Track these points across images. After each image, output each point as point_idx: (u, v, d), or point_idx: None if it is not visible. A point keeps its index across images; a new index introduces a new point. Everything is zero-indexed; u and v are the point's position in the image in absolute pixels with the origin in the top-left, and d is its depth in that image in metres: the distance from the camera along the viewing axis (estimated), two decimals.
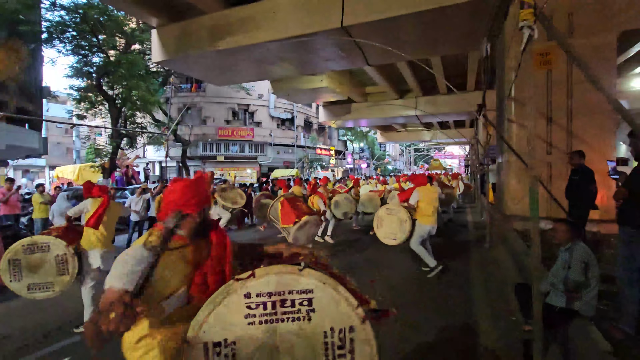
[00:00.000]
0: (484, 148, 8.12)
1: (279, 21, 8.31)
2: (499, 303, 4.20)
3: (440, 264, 5.22)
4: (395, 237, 5.43)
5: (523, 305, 2.89)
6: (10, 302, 4.75)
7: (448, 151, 56.12)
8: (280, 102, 28.31)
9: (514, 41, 5.72)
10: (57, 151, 33.98)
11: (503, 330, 3.46)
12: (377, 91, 19.11)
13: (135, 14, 10.01)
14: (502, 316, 3.80)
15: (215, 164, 25.97)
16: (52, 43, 13.56)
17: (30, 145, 13.68)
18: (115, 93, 14.86)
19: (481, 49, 4.47)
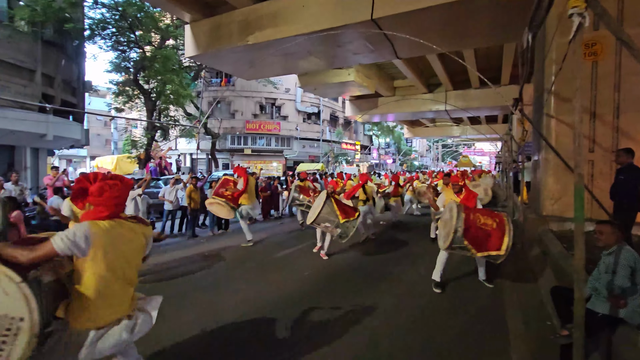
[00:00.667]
0: (518, 145, 7.75)
1: (308, 15, 8.30)
2: (532, 307, 4.04)
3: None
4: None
5: (560, 309, 2.76)
6: None
7: (478, 148, 54.10)
8: (307, 96, 28.37)
9: (558, 31, 5.39)
10: (97, 142, 35.99)
11: (537, 335, 3.33)
12: (405, 85, 18.70)
13: (170, 10, 10.33)
14: (536, 320, 3.65)
15: (242, 157, 26.52)
16: (93, 40, 14.30)
17: (73, 137, 14.56)
18: (151, 87, 15.47)
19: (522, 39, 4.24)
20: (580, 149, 2.00)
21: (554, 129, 6.30)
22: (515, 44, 11.20)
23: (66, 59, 14.63)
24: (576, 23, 1.99)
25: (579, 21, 2.00)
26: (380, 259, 6.19)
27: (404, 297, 4.41)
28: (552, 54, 6.14)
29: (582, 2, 1.98)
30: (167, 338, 3.29)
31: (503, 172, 19.41)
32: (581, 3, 1.98)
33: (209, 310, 3.97)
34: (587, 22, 1.98)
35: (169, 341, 3.25)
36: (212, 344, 3.23)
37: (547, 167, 6.47)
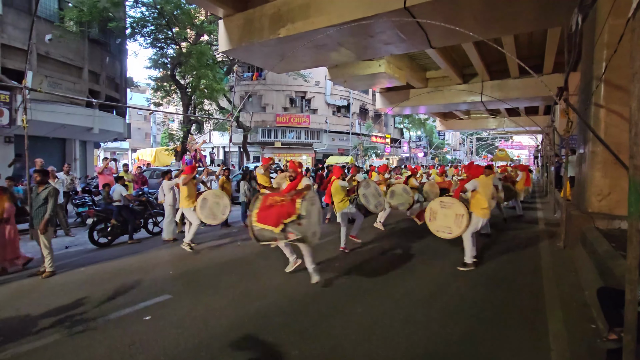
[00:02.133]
0: (562, 137, 7.26)
1: (340, 5, 8.20)
2: (574, 308, 3.82)
3: (473, 265, 5.13)
4: (450, 231, 5.18)
5: (607, 311, 2.58)
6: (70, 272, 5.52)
7: (516, 141, 51.35)
8: (337, 89, 28.20)
9: (612, 12, 4.95)
10: (138, 135, 38.01)
11: (579, 338, 3.15)
12: (438, 76, 18.04)
13: (204, 5, 10.60)
14: (579, 323, 3.45)
15: (273, 150, 26.96)
16: (134, 37, 15.03)
17: (117, 130, 15.50)
18: (186, 82, 16.07)
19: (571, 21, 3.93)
20: (637, 137, 1.85)
21: (603, 120, 5.83)
22: (560, 29, 10.44)
23: (110, 56, 15.54)
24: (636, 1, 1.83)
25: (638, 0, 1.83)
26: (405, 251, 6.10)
27: (439, 286, 4.33)
28: (604, 37, 5.65)
29: None
30: (200, 320, 3.45)
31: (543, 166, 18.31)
32: None
33: (242, 296, 4.11)
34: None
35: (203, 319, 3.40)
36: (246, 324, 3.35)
37: (594, 160, 6.02)
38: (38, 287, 4.60)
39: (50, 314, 3.70)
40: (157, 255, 6.11)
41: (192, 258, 5.88)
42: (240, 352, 2.96)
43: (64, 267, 5.37)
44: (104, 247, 6.67)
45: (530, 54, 13.89)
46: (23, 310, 3.81)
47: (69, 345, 3.06)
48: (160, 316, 3.61)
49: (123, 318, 3.60)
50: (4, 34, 11.32)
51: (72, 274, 5.10)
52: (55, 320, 3.54)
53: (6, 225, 5.15)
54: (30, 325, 3.44)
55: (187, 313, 3.67)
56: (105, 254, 6.24)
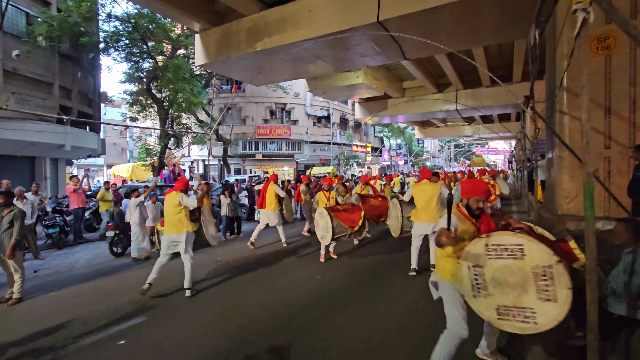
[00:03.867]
0: (531, 143, 7.60)
1: (315, 19, 8.36)
2: None
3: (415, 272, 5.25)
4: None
5: (575, 310, 2.69)
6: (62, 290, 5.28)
7: (492, 146, 53.19)
8: (317, 100, 28.49)
9: (566, 26, 5.29)
10: (114, 151, 36.94)
11: (553, 339, 3.24)
12: (414, 86, 18.58)
13: (180, 20, 10.56)
14: None
15: (254, 162, 26.79)
16: (108, 52, 14.75)
17: (90, 146, 15.03)
18: (163, 96, 15.84)
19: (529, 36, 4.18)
20: (588, 146, 1.97)
21: (567, 126, 6.15)
22: (525, 41, 11.02)
23: (82, 71, 15.15)
24: (580, 19, 1.97)
25: (583, 17, 1.97)
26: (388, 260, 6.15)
27: (420, 293, 4.38)
28: (563, 48, 6.01)
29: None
30: (178, 342, 3.35)
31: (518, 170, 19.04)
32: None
33: (221, 314, 4.02)
34: (591, 17, 1.95)
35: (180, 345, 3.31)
36: (226, 343, 3.27)
37: (561, 165, 6.32)
38: (4, 315, 4.35)
39: (18, 344, 3.49)
40: (130, 276, 5.90)
41: (166, 277, 5.70)
42: None
43: (33, 292, 5.10)
44: (119, 257, 7.22)
45: (500, 63, 14.54)
46: None
47: None
48: (136, 340, 3.48)
49: (96, 343, 3.44)
50: None
51: (42, 299, 4.85)
52: (23, 350, 3.35)
53: None
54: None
55: (164, 335, 3.55)
56: (77, 275, 5.98)
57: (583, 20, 1.97)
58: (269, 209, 7.40)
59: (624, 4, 5.49)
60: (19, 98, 11.89)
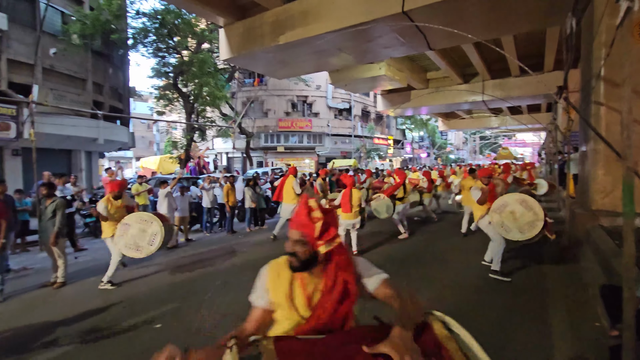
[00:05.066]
0: (564, 135, 7.28)
1: (338, 11, 8.29)
2: (579, 307, 3.84)
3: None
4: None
5: (610, 308, 2.62)
6: None
7: (519, 138, 51.12)
8: (338, 92, 28.32)
9: (606, 13, 5.00)
10: (142, 144, 38.34)
11: (584, 336, 3.17)
12: (439, 76, 18.10)
13: (205, 15, 10.74)
14: (583, 321, 3.47)
15: (275, 155, 27.08)
16: (136, 48, 15.25)
17: (121, 140, 15.69)
18: (189, 90, 16.25)
19: (565, 25, 4.00)
20: (629, 140, 1.90)
21: (604, 117, 5.84)
22: (559, 28, 10.47)
23: (113, 67, 15.76)
24: (624, 8, 1.89)
25: (627, 5, 1.89)
26: (415, 255, 6.13)
27: (440, 293, 4.37)
28: (601, 36, 5.68)
29: None
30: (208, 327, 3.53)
31: (547, 164, 18.29)
32: None
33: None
34: (636, 5, 1.87)
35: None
36: None
37: (596, 158, 6.03)
38: (50, 297, 4.70)
39: (64, 324, 3.78)
40: (162, 263, 6.20)
41: (196, 265, 5.95)
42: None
43: (75, 277, 5.47)
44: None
45: (530, 52, 13.91)
46: (37, 321, 3.90)
47: (83, 355, 3.14)
48: (170, 323, 3.68)
49: (134, 326, 3.67)
50: (10, 49, 11.56)
51: (83, 284, 5.20)
52: (68, 330, 3.63)
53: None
54: (45, 335, 3.53)
55: (195, 319, 3.74)
56: None
57: (627, 9, 1.88)
58: (287, 202, 7.52)
59: None
60: (56, 94, 12.56)
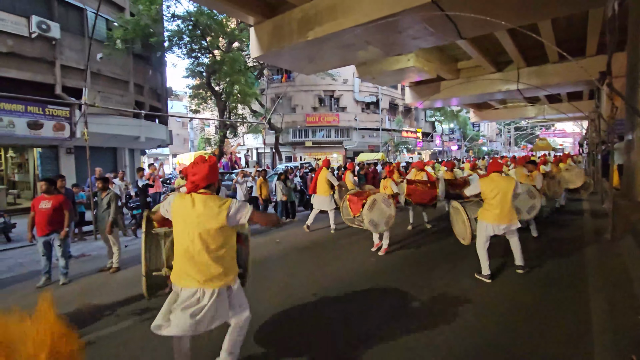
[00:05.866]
0: (607, 123, 6.92)
1: (366, 4, 8.30)
2: (622, 301, 3.74)
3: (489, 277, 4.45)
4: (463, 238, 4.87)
5: None
6: None
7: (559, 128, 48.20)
8: (365, 86, 28.13)
9: None
10: (177, 141, 40.17)
11: (626, 330, 3.12)
12: (470, 66, 17.46)
13: (235, 15, 11.10)
14: (626, 315, 3.40)
15: (303, 149, 27.46)
16: (172, 49, 16.02)
17: (160, 137, 16.61)
18: (221, 88, 16.87)
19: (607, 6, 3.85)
20: None
21: None
22: (603, 9, 9.83)
23: (152, 69, 16.67)
24: None
25: None
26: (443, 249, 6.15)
27: (470, 288, 4.41)
28: None
29: None
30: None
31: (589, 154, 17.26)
32: None
33: (281, 290, 4.44)
34: None
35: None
36: (290, 317, 3.66)
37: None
38: (108, 281, 5.23)
39: (122, 304, 4.23)
40: None
41: None
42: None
43: (127, 263, 6.00)
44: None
45: (570, 36, 13.12)
46: (99, 301, 4.38)
47: (142, 329, 3.53)
48: None
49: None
50: (63, 56, 12.58)
51: (135, 269, 5.70)
52: (127, 309, 4.06)
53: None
54: (106, 313, 3.98)
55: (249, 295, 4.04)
56: None
57: None
58: (321, 193, 7.72)
59: None
60: (102, 96, 13.53)
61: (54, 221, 5.01)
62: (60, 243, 5.03)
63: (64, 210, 5.11)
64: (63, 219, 5.09)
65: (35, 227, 5.01)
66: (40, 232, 4.98)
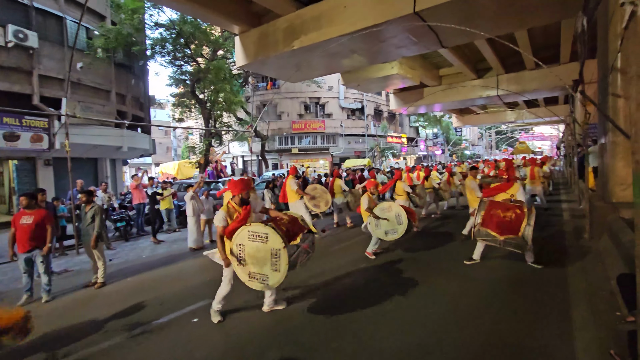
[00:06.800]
0: (582, 128, 7.24)
1: (350, 14, 8.47)
2: (600, 297, 3.91)
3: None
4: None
5: (626, 296, 2.73)
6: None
7: (537, 132, 49.92)
8: (350, 93, 28.46)
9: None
10: (160, 150, 39.37)
11: (604, 325, 3.26)
12: (452, 73, 17.98)
13: (221, 24, 11.10)
14: (605, 311, 3.56)
15: (290, 156, 27.43)
16: (154, 58, 15.83)
17: (143, 147, 16.30)
18: (205, 96, 16.74)
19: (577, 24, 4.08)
20: (637, 136, 2.03)
21: (622, 109, 5.83)
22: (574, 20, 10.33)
23: (134, 78, 16.41)
24: (628, 12, 2.02)
25: (631, 10, 2.03)
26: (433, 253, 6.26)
27: (460, 285, 4.51)
28: (616, 27, 5.68)
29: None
30: (242, 321, 3.77)
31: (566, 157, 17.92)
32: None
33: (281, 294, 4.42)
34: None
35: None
36: (283, 321, 3.65)
37: (615, 150, 6.02)
38: (94, 297, 5.08)
39: (110, 319, 4.12)
40: (190, 264, 6.54)
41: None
42: (281, 347, 3.25)
43: (112, 277, 5.85)
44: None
45: (545, 43, 13.70)
46: (86, 317, 4.25)
47: (132, 346, 3.44)
48: (206, 318, 3.96)
49: (173, 321, 3.97)
50: (41, 66, 12.25)
51: (121, 284, 5.57)
52: (115, 325, 3.96)
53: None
54: (94, 330, 3.87)
55: (228, 315, 4.00)
56: (146, 264, 6.73)
57: (631, 14, 2.02)
58: (292, 200, 7.98)
59: None
60: (83, 106, 13.22)
61: (35, 237, 4.85)
62: (42, 259, 4.87)
63: (46, 226, 4.96)
64: (45, 235, 4.93)
65: (16, 243, 4.84)
66: (21, 249, 4.81)
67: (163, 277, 5.77)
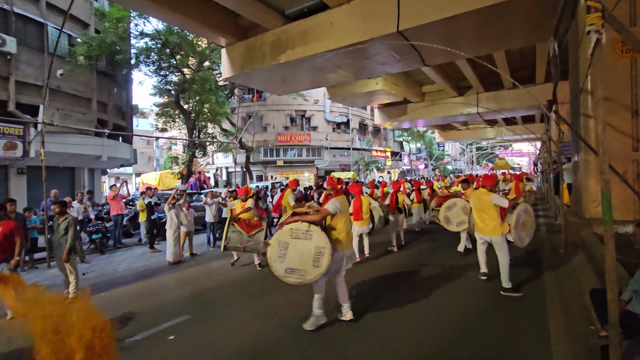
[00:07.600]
0: (556, 145, 7.55)
1: (336, 31, 8.68)
2: (575, 311, 4.00)
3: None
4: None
5: (599, 310, 2.80)
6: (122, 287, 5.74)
7: (516, 149, 51.73)
8: (336, 106, 28.84)
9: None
10: (141, 160, 38.50)
11: (580, 339, 3.33)
12: (434, 90, 18.58)
13: (208, 36, 11.14)
14: (580, 325, 3.63)
15: (275, 169, 27.35)
16: (139, 67, 15.64)
17: (124, 156, 15.90)
18: (190, 107, 16.58)
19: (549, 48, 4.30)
20: (604, 156, 2.13)
21: (593, 129, 6.12)
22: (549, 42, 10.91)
23: (117, 86, 16.12)
24: (594, 40, 2.15)
25: (596, 37, 2.15)
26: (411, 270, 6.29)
27: (438, 302, 4.53)
28: (586, 51, 5.99)
29: (599, 20, 2.13)
30: (221, 338, 3.66)
31: (543, 173, 18.56)
32: (598, 21, 2.13)
33: (256, 314, 4.32)
34: (604, 38, 2.12)
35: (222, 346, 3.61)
36: (265, 340, 3.56)
37: (587, 168, 6.29)
38: None
39: None
40: (168, 278, 6.33)
41: (204, 279, 6.09)
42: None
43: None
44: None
45: (522, 64, 14.38)
46: None
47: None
48: (183, 335, 3.82)
49: (148, 338, 3.81)
50: (19, 72, 11.88)
51: (94, 299, 5.23)
52: None
53: None
54: None
55: (207, 332, 3.88)
56: (122, 277, 6.48)
57: (596, 41, 2.14)
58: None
59: (624, 13, 5.49)
60: (62, 113, 12.85)
61: (3, 249, 4.59)
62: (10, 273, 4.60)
63: (14, 237, 4.71)
64: (14, 247, 4.68)
65: None
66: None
67: (139, 292, 5.56)
